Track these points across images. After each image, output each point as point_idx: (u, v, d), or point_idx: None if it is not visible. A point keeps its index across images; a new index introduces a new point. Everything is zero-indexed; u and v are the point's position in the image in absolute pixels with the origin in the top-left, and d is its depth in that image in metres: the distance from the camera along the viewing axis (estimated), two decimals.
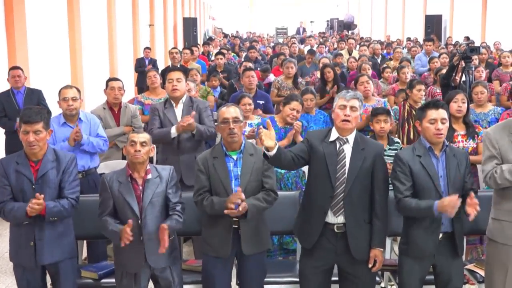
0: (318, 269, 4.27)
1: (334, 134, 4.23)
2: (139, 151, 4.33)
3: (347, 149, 4.19)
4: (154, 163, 5.59)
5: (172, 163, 5.08)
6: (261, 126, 4.10)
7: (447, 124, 4.22)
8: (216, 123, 4.84)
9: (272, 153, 3.99)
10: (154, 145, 4.57)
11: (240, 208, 4.19)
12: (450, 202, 3.89)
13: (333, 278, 4.42)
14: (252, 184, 4.42)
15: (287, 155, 4.11)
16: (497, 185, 4.10)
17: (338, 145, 4.20)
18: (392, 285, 4.95)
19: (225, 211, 4.20)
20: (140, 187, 4.37)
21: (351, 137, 4.22)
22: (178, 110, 5.95)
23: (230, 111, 4.50)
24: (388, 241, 5.11)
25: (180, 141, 5.84)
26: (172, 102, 5.99)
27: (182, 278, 4.56)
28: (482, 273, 4.63)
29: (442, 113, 4.19)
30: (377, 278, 4.68)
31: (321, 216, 4.19)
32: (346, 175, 4.14)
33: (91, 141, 5.70)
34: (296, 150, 4.21)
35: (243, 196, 4.21)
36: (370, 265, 4.17)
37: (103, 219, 4.35)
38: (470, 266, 4.89)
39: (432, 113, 4.18)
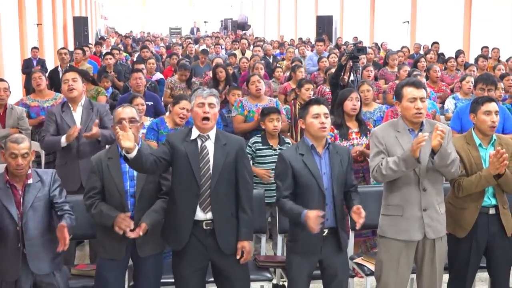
0: (193, 269, 4.23)
1: (195, 133, 4.24)
2: (21, 164, 4.17)
3: (210, 146, 4.22)
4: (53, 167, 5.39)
5: (71, 168, 4.98)
6: (116, 126, 4.02)
7: (329, 119, 4.33)
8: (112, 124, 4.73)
9: (132, 155, 3.90)
10: (34, 150, 4.40)
11: (141, 233, 4.17)
12: (314, 219, 3.96)
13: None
14: (149, 185, 4.38)
15: (148, 158, 4.03)
16: (383, 177, 4.23)
17: (200, 143, 4.22)
18: (284, 281, 5.02)
19: (128, 234, 4.16)
20: (20, 192, 4.22)
21: (212, 134, 4.26)
22: (77, 113, 5.68)
23: (126, 111, 4.46)
24: (280, 238, 5.18)
25: (79, 146, 5.58)
26: (70, 105, 5.72)
27: (68, 283, 4.43)
28: (370, 266, 4.78)
29: (324, 108, 4.30)
30: (269, 275, 4.76)
31: (190, 215, 4.17)
32: (211, 171, 4.16)
33: None
34: (158, 153, 4.16)
35: (131, 223, 4.16)
36: (238, 257, 4.20)
37: None
38: (359, 260, 5.01)
39: (315, 109, 4.28)
